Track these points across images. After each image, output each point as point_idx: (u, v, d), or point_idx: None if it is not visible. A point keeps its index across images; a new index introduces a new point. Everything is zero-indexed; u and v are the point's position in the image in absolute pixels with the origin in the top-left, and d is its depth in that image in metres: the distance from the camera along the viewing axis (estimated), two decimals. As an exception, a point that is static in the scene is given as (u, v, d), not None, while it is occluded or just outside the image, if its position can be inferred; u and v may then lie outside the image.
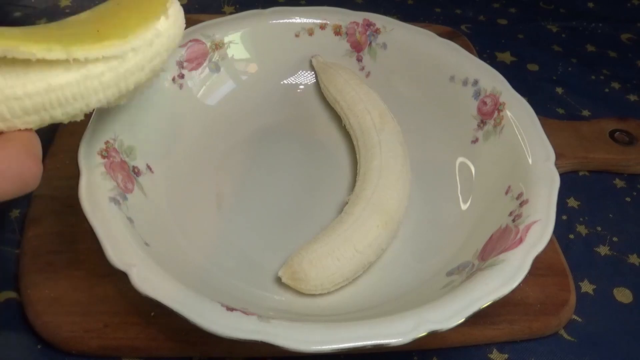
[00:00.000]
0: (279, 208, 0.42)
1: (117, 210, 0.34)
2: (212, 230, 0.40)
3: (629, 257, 0.44)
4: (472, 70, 0.45)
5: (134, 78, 0.30)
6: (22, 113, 0.26)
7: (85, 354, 0.35)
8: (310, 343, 0.28)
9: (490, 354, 0.37)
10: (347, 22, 0.49)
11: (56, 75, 0.26)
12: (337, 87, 0.46)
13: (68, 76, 0.27)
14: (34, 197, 0.42)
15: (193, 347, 0.35)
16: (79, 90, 0.27)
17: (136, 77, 0.30)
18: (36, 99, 0.26)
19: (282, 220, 0.42)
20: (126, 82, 0.29)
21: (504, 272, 0.32)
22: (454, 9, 0.69)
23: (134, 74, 0.29)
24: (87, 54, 0.27)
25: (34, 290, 0.36)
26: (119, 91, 0.29)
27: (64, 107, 0.27)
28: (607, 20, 0.68)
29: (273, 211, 0.42)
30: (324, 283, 0.36)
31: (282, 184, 0.44)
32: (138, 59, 0.29)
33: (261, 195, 0.43)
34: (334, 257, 0.36)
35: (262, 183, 0.44)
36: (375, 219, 0.37)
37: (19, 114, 0.26)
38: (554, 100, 0.57)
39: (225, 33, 0.47)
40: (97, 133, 0.37)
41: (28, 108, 0.26)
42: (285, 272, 0.36)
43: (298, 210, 0.42)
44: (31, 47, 0.25)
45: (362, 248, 0.36)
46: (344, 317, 0.34)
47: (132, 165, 0.38)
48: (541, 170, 0.38)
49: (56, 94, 0.27)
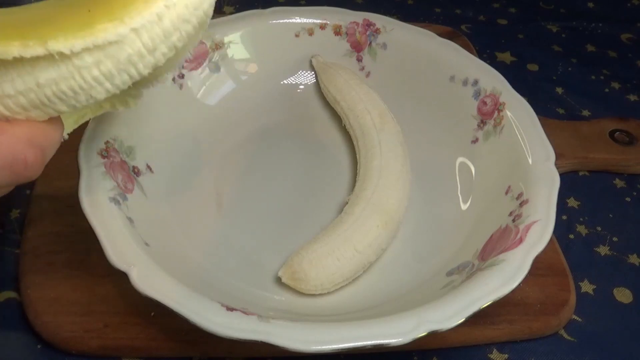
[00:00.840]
0: (279, 208, 0.42)
1: (117, 210, 0.34)
2: (212, 230, 0.40)
3: (629, 257, 0.44)
4: (472, 70, 0.45)
5: (145, 61, 0.25)
6: (20, 109, 0.24)
7: (85, 354, 0.35)
8: (310, 343, 0.28)
9: (490, 354, 0.37)
10: (347, 22, 0.49)
11: (44, 70, 0.23)
12: (337, 87, 0.46)
13: (58, 70, 0.23)
14: (34, 197, 0.42)
15: (193, 347, 0.35)
16: (77, 83, 0.24)
17: (148, 60, 0.25)
18: (30, 95, 0.24)
19: (282, 220, 0.42)
20: (136, 68, 0.25)
21: (504, 272, 0.32)
22: (454, 9, 0.69)
23: (143, 57, 0.25)
24: (71, 46, 0.22)
25: (34, 290, 0.36)
26: (130, 77, 0.25)
27: (66, 101, 0.24)
28: (607, 20, 0.68)
29: (273, 211, 0.42)
30: (323, 283, 0.36)
31: (282, 184, 0.44)
32: (145, 40, 0.24)
33: (261, 195, 0.43)
34: (334, 257, 0.36)
35: (262, 183, 0.44)
36: (375, 219, 0.37)
37: (17, 110, 0.24)
38: (554, 100, 0.57)
39: (225, 33, 0.47)
40: (97, 133, 0.37)
41: (24, 104, 0.24)
42: (285, 272, 0.36)
43: (298, 210, 0.42)
44: (3, 45, 0.22)
45: (362, 248, 0.36)
46: (344, 317, 0.34)
47: (132, 165, 0.38)
48: (541, 170, 0.37)
49: (50, 89, 0.24)
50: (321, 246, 0.36)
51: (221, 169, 0.44)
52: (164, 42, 0.25)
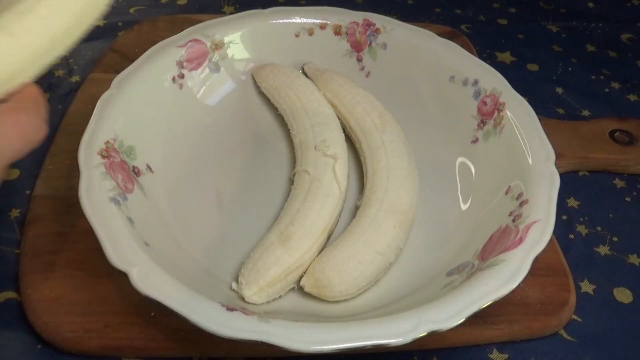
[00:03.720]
0: (279, 208, 0.42)
1: (117, 210, 0.34)
2: (212, 230, 0.40)
3: (629, 257, 0.44)
4: (472, 70, 0.45)
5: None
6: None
7: (85, 354, 0.35)
8: (310, 343, 0.28)
9: (490, 354, 0.37)
10: (347, 22, 0.49)
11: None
12: (334, 92, 0.46)
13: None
14: (34, 197, 0.42)
15: (193, 347, 0.35)
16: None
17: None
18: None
19: (282, 220, 0.42)
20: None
21: (504, 272, 0.32)
22: (454, 9, 0.69)
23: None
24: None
25: (34, 290, 0.36)
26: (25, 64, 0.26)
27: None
28: (607, 20, 0.68)
29: (273, 211, 0.42)
30: (348, 288, 0.35)
31: (282, 184, 0.44)
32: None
33: (261, 195, 0.43)
34: (356, 261, 0.35)
35: (262, 183, 0.44)
36: (391, 220, 0.37)
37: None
38: (554, 100, 0.57)
39: (225, 33, 0.47)
40: (97, 133, 0.37)
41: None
42: (308, 280, 0.35)
43: (298, 210, 0.42)
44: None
45: (382, 249, 0.36)
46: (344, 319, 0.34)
47: (132, 165, 0.39)
48: (541, 170, 0.37)
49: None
50: (341, 251, 0.36)
51: (221, 169, 0.44)
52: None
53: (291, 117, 0.45)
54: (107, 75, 0.46)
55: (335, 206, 0.39)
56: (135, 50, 0.53)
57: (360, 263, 0.35)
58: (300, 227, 0.36)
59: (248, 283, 0.34)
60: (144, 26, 0.59)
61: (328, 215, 0.38)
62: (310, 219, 0.37)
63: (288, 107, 0.45)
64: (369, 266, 0.36)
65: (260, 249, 0.36)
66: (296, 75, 0.47)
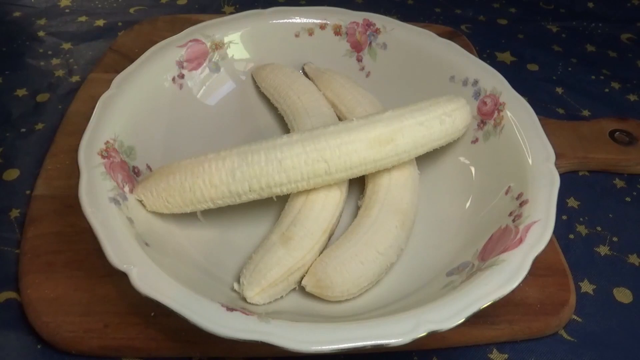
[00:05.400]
0: (280, 208, 0.42)
1: (117, 210, 0.34)
2: (212, 231, 0.40)
3: (629, 257, 0.44)
4: (472, 70, 0.45)
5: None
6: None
7: (85, 354, 0.35)
8: (310, 343, 0.28)
9: (490, 354, 0.37)
10: (347, 22, 0.49)
11: None
12: (334, 92, 0.46)
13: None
14: (34, 197, 0.42)
15: (193, 347, 0.35)
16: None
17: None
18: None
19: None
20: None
21: (504, 273, 0.32)
22: (454, 9, 0.69)
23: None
24: None
25: (34, 290, 0.36)
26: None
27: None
28: (607, 20, 0.68)
29: (274, 212, 0.42)
30: (350, 288, 0.35)
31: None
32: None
33: (261, 195, 0.43)
34: (358, 261, 0.35)
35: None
36: (392, 220, 0.37)
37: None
38: (554, 100, 0.57)
39: (225, 33, 0.47)
40: (97, 133, 0.37)
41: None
42: (310, 280, 0.35)
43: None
44: None
45: (384, 249, 0.36)
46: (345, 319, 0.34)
47: (132, 166, 0.38)
48: (541, 170, 0.37)
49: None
50: (343, 252, 0.36)
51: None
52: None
53: (291, 117, 0.45)
54: (107, 75, 0.46)
55: (336, 207, 0.39)
56: (135, 50, 0.53)
57: (362, 263, 0.35)
58: (301, 227, 0.36)
59: (250, 284, 0.34)
60: (144, 26, 0.59)
61: (329, 216, 0.38)
62: (311, 220, 0.37)
63: (288, 107, 0.45)
64: (370, 266, 0.36)
65: (262, 250, 0.36)
66: (296, 76, 0.47)
